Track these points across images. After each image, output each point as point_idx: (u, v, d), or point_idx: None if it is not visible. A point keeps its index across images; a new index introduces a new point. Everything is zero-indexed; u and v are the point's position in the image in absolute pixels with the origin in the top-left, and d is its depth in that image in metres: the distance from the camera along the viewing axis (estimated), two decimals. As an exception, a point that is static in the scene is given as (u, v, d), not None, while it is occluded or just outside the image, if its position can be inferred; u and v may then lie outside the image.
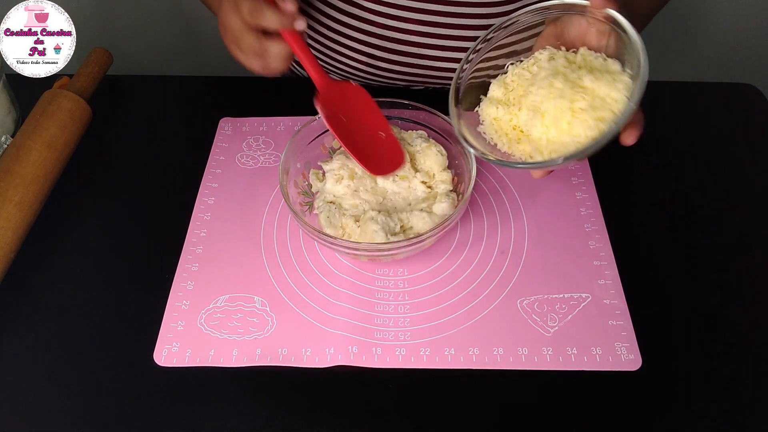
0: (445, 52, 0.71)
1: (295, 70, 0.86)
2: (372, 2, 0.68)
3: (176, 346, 0.52)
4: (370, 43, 0.72)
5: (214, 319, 0.54)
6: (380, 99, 0.59)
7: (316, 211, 0.58)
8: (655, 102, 0.73)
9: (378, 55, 0.73)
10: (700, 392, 0.49)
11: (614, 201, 0.61)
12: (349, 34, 0.72)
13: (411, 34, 0.70)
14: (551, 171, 0.50)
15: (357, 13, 0.70)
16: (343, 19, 0.71)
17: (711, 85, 0.74)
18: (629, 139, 0.45)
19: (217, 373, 0.51)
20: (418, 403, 0.49)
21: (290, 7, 0.51)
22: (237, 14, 0.52)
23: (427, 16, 0.68)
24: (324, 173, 0.60)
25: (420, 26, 0.69)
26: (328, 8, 0.71)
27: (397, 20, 0.69)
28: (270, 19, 0.50)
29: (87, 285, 0.57)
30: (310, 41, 0.76)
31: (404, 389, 0.50)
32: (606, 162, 0.65)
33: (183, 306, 0.55)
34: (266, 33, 0.53)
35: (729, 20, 1.36)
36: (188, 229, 0.61)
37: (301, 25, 0.51)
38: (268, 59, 0.53)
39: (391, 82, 0.77)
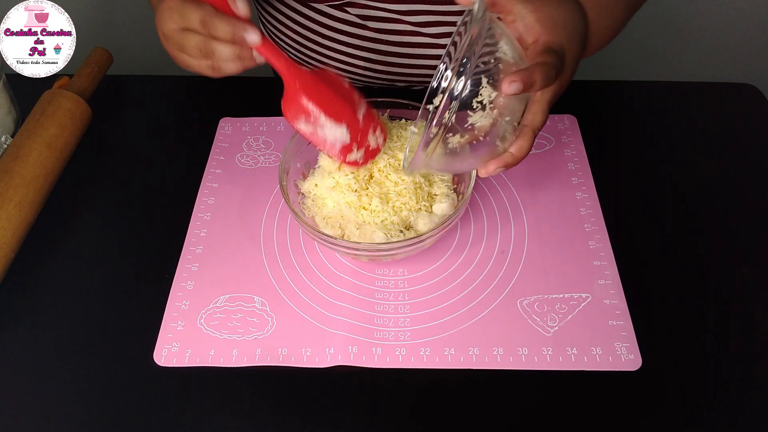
0: (441, 50, 0.71)
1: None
2: (362, 8, 0.68)
3: (176, 346, 0.52)
4: (366, 47, 0.72)
5: (214, 319, 0.54)
6: (380, 99, 0.59)
7: (316, 211, 0.58)
8: (655, 102, 0.74)
9: (375, 58, 0.73)
10: (700, 392, 0.49)
11: (614, 201, 0.61)
12: (345, 40, 0.72)
13: (405, 35, 0.70)
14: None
15: (350, 19, 0.70)
16: (338, 26, 0.71)
17: (711, 85, 0.74)
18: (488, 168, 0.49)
19: (217, 373, 0.51)
20: (418, 403, 0.49)
21: (242, 10, 0.47)
22: (178, 20, 0.48)
23: (418, 17, 0.68)
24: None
25: (413, 27, 0.69)
26: (322, 17, 0.71)
27: (390, 22, 0.69)
28: (223, 31, 0.47)
29: (87, 285, 0.57)
30: (309, 46, 0.76)
31: (404, 389, 0.50)
32: (606, 162, 0.65)
33: (183, 306, 0.55)
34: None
35: (728, 20, 1.36)
36: (188, 229, 0.61)
37: (254, 38, 0.47)
38: (218, 62, 0.49)
39: (390, 83, 0.77)
